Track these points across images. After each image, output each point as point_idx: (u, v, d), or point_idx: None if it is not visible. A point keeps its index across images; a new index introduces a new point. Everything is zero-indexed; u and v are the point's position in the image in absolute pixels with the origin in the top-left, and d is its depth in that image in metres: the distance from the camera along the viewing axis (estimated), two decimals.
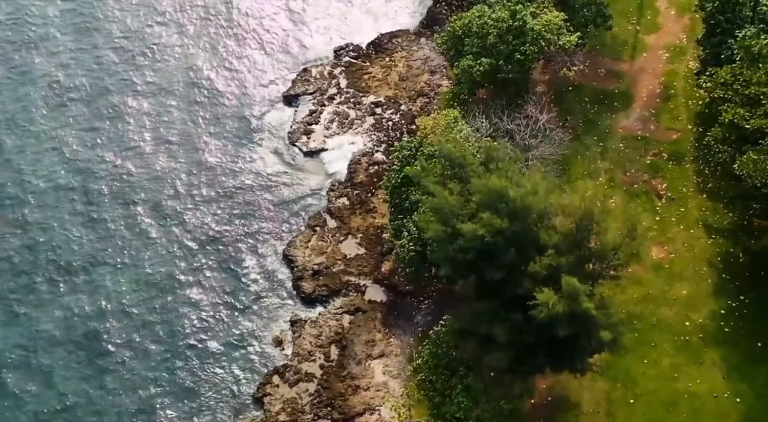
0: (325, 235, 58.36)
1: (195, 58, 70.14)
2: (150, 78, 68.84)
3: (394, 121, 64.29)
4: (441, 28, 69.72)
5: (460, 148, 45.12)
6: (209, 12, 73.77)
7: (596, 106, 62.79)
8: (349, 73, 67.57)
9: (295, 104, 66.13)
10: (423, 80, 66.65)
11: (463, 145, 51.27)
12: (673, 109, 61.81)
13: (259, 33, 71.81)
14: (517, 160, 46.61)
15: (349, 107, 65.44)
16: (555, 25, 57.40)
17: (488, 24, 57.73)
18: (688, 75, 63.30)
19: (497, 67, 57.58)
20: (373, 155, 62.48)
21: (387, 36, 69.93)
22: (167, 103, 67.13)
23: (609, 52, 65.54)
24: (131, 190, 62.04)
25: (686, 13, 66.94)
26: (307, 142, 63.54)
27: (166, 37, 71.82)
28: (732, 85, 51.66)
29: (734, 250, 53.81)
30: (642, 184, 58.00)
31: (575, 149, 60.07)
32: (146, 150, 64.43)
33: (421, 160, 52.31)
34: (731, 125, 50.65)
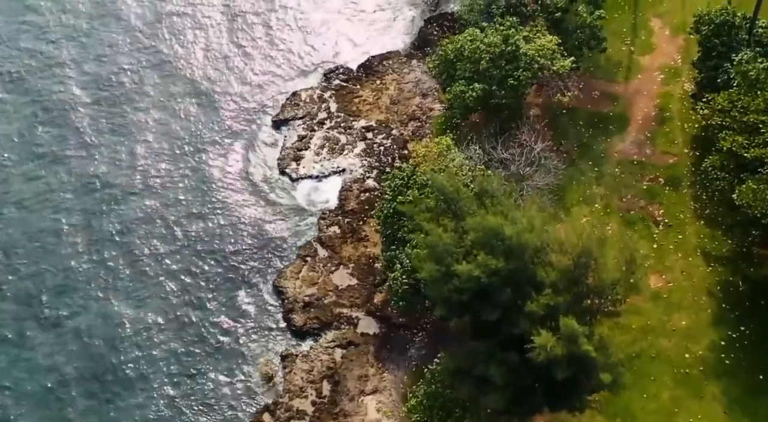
0: (316, 265, 57.06)
1: (180, 85, 68.52)
2: (134, 105, 67.22)
3: (386, 146, 63.09)
4: (432, 49, 68.68)
5: (453, 180, 43.91)
6: (195, 36, 72.22)
7: (591, 129, 61.76)
8: (340, 97, 66.38)
9: (284, 129, 64.92)
10: (414, 104, 65.52)
11: (457, 176, 50.21)
12: (669, 132, 60.82)
13: (246, 57, 70.30)
14: (511, 192, 45.55)
15: (339, 132, 64.24)
16: (548, 49, 56.35)
17: (480, 49, 56.69)
18: (683, 97, 62.31)
19: (490, 92, 56.49)
20: (364, 182, 61.24)
21: (377, 58, 68.70)
22: (151, 131, 65.51)
23: (603, 73, 64.50)
24: (113, 222, 60.38)
25: (681, 34, 66.00)
26: (297, 169, 62.24)
27: (151, 62, 70.23)
28: (729, 111, 50.77)
29: (734, 279, 52.75)
30: (639, 211, 56.92)
31: (570, 174, 59.00)
32: (127, 181, 62.59)
33: (413, 191, 51.19)
34: (729, 153, 49.72)
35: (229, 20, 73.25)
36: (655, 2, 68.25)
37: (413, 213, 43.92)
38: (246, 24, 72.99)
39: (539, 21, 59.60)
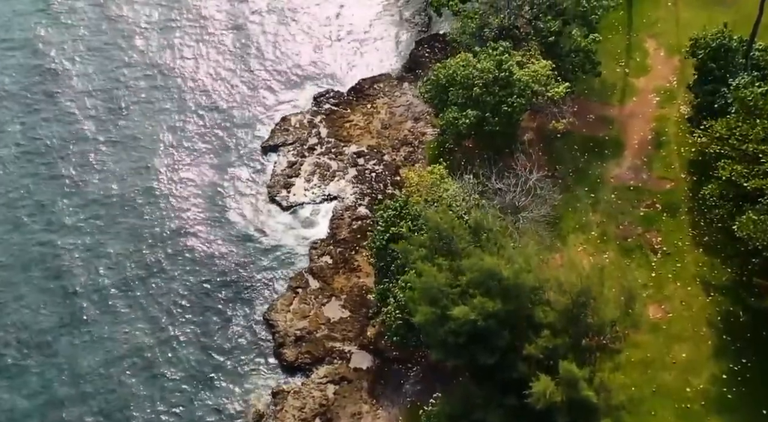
0: (307, 297, 55.72)
1: (167, 111, 67.07)
2: (118, 130, 65.84)
3: (378, 173, 61.86)
4: (424, 71, 67.59)
5: (447, 216, 42.72)
6: (183, 61, 70.80)
7: (586, 154, 60.67)
8: (330, 122, 65.16)
9: (274, 155, 63.56)
10: (406, 128, 64.36)
11: (451, 207, 49.10)
12: (666, 156, 59.82)
13: (234, 81, 69.04)
14: (507, 227, 44.42)
15: (330, 158, 62.99)
16: (543, 75, 55.29)
17: (473, 74, 55.61)
18: (679, 120, 61.36)
19: (483, 119, 55.41)
20: (356, 209, 59.97)
21: (368, 81, 67.58)
22: (137, 156, 64.13)
23: (598, 96, 63.48)
24: (97, 256, 58.73)
25: (676, 55, 65.06)
26: (287, 196, 60.93)
27: (139, 88, 68.86)
28: (728, 139, 49.80)
29: (734, 309, 51.66)
30: (636, 238, 55.83)
31: (566, 201, 57.85)
32: (110, 212, 61.06)
33: (406, 223, 50.06)
34: (728, 182, 48.72)
35: (217, 45, 71.95)
36: (650, 23, 67.42)
37: (407, 252, 42.69)
38: (234, 47, 71.80)
39: (533, 45, 58.56)
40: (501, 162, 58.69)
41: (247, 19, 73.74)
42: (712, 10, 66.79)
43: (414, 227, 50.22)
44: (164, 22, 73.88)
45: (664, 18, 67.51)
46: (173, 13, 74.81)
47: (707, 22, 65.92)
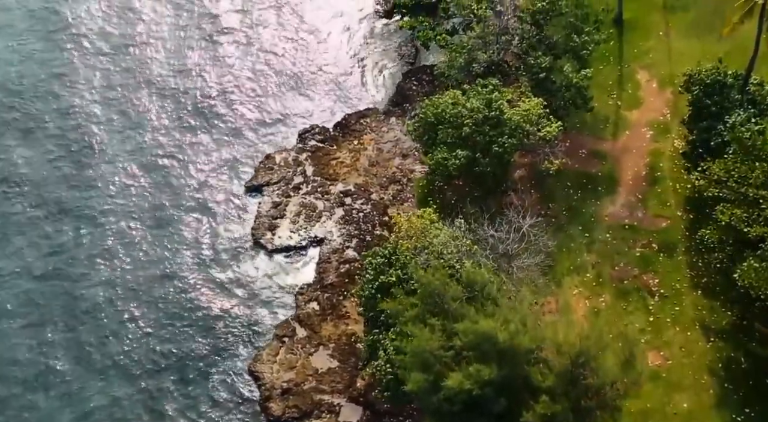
0: (294, 347, 53.70)
1: (145, 149, 64.85)
2: (94, 169, 63.65)
3: (365, 213, 59.99)
4: (411, 106, 65.90)
5: (439, 273, 40.91)
6: (164, 97, 68.55)
7: (579, 191, 59.01)
8: (316, 159, 63.26)
9: (258, 196, 61.48)
10: (394, 165, 62.52)
11: (441, 258, 47.37)
12: (661, 193, 58.22)
13: (217, 117, 66.95)
14: (501, 279, 42.70)
15: (316, 197, 61.07)
16: (534, 114, 53.69)
17: (463, 114, 53.97)
18: (674, 155, 59.79)
19: (474, 159, 53.79)
20: (343, 252, 58.05)
21: (354, 116, 65.71)
22: (112, 199, 61.92)
23: (590, 130, 61.83)
24: (71, 304, 56.49)
25: (668, 87, 63.58)
26: (272, 239, 58.90)
27: (114, 129, 66.49)
28: (726, 182, 48.31)
29: (735, 355, 50.03)
30: (632, 280, 54.15)
31: (560, 241, 56.11)
32: (85, 257, 58.84)
33: (395, 271, 48.26)
34: (728, 226, 47.20)
35: (197, 79, 69.67)
36: (641, 53, 65.91)
37: (398, 312, 40.86)
38: (216, 82, 69.51)
39: (523, 81, 57.02)
40: (492, 201, 57.33)
41: (229, 53, 71.63)
42: (705, 40, 65.44)
43: (404, 276, 48.50)
44: (144, 58, 71.74)
45: (655, 48, 66.06)
46: (151, 47, 72.75)
47: (700, 52, 64.99)
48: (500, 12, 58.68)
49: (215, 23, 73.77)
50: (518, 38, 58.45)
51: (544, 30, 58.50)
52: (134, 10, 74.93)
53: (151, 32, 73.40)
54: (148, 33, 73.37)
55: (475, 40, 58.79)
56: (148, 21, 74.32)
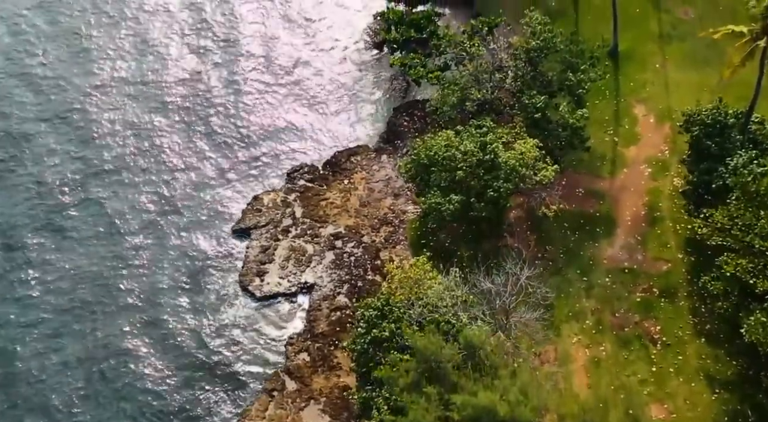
0: (284, 401, 51.61)
1: (131, 189, 62.85)
2: (82, 221, 61.21)
3: (357, 257, 58.09)
4: (403, 143, 64.15)
5: (435, 338, 39.10)
6: (147, 135, 66.37)
7: (577, 232, 57.30)
8: (305, 200, 61.31)
9: (245, 240, 59.36)
10: (386, 205, 60.68)
11: (436, 310, 45.60)
12: (661, 234, 56.56)
13: (203, 156, 64.84)
14: (500, 339, 40.93)
15: (306, 241, 59.12)
16: (530, 157, 51.98)
17: (456, 157, 52.27)
18: (673, 194, 58.13)
19: (469, 204, 52.05)
20: (334, 299, 56.10)
21: (344, 154, 63.79)
22: (96, 246, 59.78)
23: (587, 167, 60.11)
24: (48, 358, 54.46)
25: (666, 121, 62.01)
26: (261, 286, 56.87)
27: (99, 169, 64.42)
28: (730, 230, 46.71)
29: (741, 408, 48.21)
30: (633, 327, 52.38)
31: (557, 285, 54.38)
32: (68, 306, 56.86)
33: (389, 326, 46.44)
34: (733, 277, 45.58)
35: (184, 117, 67.44)
36: (638, 86, 64.30)
37: (392, 380, 39.01)
38: (202, 119, 67.36)
39: (518, 120, 55.34)
40: (488, 244, 55.65)
41: (214, 89, 69.39)
42: (702, 72, 63.94)
43: (397, 330, 46.70)
44: (124, 99, 69.22)
45: (652, 81, 64.50)
46: (133, 86, 70.20)
47: (698, 85, 63.61)
48: (493, 50, 56.96)
49: (201, 58, 71.75)
50: (512, 76, 56.72)
51: (539, 67, 56.91)
52: (109, 58, 72.30)
53: (130, 72, 71.00)
54: (127, 73, 70.99)
55: (467, 77, 57.10)
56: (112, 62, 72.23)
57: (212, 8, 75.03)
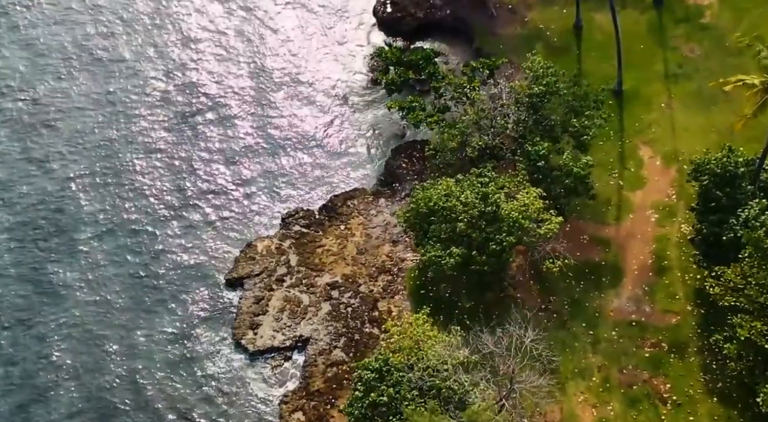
0: None
1: (114, 237, 60.72)
2: (67, 269, 59.22)
3: (354, 307, 56.00)
4: (401, 186, 62.18)
5: (437, 416, 37.03)
6: (135, 179, 64.13)
7: (582, 282, 55.28)
8: (300, 247, 59.27)
9: (239, 290, 57.35)
10: (384, 252, 58.64)
11: (438, 372, 43.55)
12: (669, 285, 54.51)
13: (195, 200, 62.66)
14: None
15: (301, 290, 57.05)
16: (534, 209, 50.02)
17: (457, 208, 50.32)
18: (681, 241, 56.14)
19: (470, 256, 50.08)
20: (331, 353, 53.99)
21: (341, 198, 61.72)
22: (86, 295, 57.82)
23: (591, 213, 58.04)
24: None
25: (673, 164, 60.00)
26: (254, 340, 54.75)
27: (96, 212, 62.33)
28: (743, 289, 44.74)
29: None
30: (642, 385, 50.33)
31: (562, 339, 52.48)
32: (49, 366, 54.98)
33: (387, 390, 44.37)
34: (748, 341, 43.57)
35: (173, 159, 65.12)
36: (643, 127, 62.32)
37: None
38: (191, 161, 65.05)
39: (520, 168, 53.35)
40: (490, 295, 53.65)
41: (205, 131, 67.00)
42: (709, 111, 62.06)
43: (396, 394, 44.63)
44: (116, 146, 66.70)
45: (657, 121, 62.57)
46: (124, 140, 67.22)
47: (705, 126, 61.76)
48: (494, 95, 55.11)
49: (190, 96, 69.13)
50: (513, 120, 54.80)
51: (541, 110, 55.06)
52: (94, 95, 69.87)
53: (114, 113, 68.43)
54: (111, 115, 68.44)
55: (468, 122, 55.21)
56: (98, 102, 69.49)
57: (203, 43, 72.83)
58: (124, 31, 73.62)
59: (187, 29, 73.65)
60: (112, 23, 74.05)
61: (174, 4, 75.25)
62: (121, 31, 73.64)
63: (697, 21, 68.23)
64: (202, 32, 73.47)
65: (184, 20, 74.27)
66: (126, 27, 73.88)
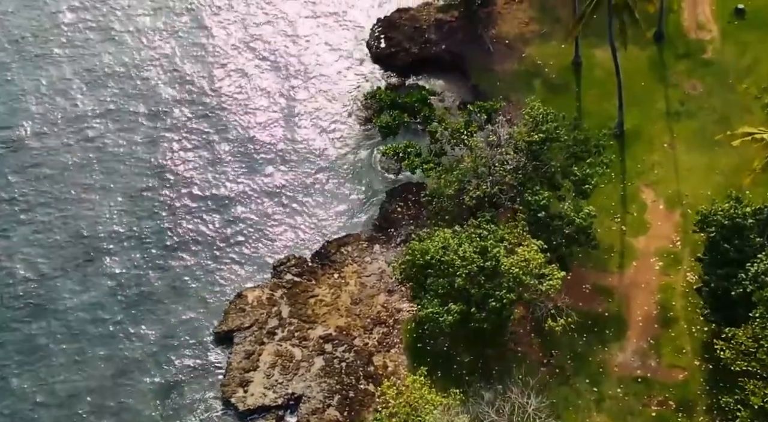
0: None
1: (97, 289, 58.31)
2: (44, 333, 56.36)
3: (348, 362, 53.77)
4: (397, 231, 60.07)
5: None
6: (124, 229, 61.59)
7: (585, 334, 53.18)
8: (292, 297, 57.03)
9: (228, 344, 55.05)
10: (379, 302, 56.46)
11: None
12: (675, 338, 52.52)
13: (182, 249, 60.34)
14: None
15: (293, 344, 54.80)
16: (535, 264, 48.03)
17: (455, 262, 48.34)
18: (687, 291, 54.18)
19: (468, 313, 48.07)
20: (324, 411, 51.61)
21: (334, 244, 59.52)
22: (64, 355, 55.37)
23: (593, 261, 55.97)
24: None
25: (677, 208, 58.15)
26: (244, 398, 52.28)
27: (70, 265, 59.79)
28: (755, 353, 42.78)
29: None
30: None
31: (565, 396, 50.43)
32: None
33: None
34: (762, 410, 41.61)
35: (160, 207, 62.60)
36: (645, 169, 60.52)
37: None
38: (178, 207, 62.59)
39: (520, 219, 51.37)
40: (490, 348, 51.62)
41: (193, 175, 64.49)
42: (713, 152, 60.25)
43: None
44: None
45: (660, 163, 60.73)
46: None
47: (709, 167, 60.12)
48: (492, 142, 53.17)
49: (173, 142, 66.45)
50: (512, 168, 52.84)
51: (541, 157, 53.18)
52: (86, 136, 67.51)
53: (93, 164, 65.82)
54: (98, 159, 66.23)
55: (465, 170, 53.26)
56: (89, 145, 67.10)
57: (189, 83, 70.57)
58: (91, 79, 71.16)
59: (171, 71, 71.32)
60: (78, 74, 71.77)
61: (150, 53, 72.98)
62: (86, 79, 71.16)
63: (699, 56, 66.69)
64: (190, 72, 71.44)
65: (161, 67, 71.82)
66: (89, 77, 71.36)
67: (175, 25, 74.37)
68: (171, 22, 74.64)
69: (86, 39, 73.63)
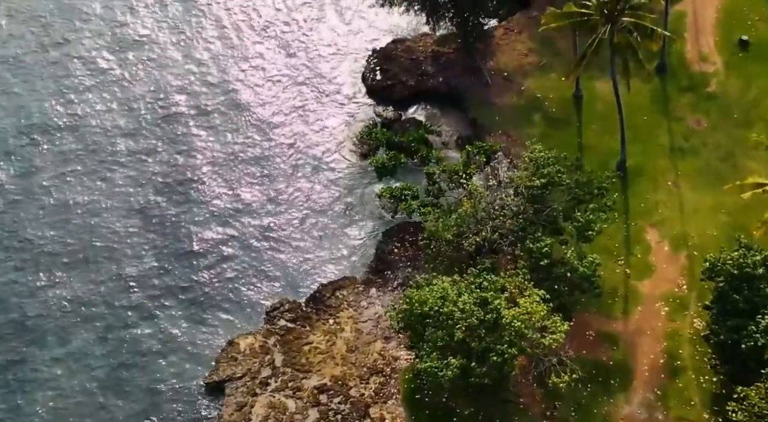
0: None
1: (85, 335, 56.23)
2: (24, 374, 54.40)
3: (344, 414, 51.71)
4: (393, 273, 58.23)
5: None
6: (109, 277, 59.36)
7: (589, 384, 51.17)
8: (286, 344, 55.06)
9: (219, 396, 53.00)
10: (376, 350, 54.56)
11: None
12: (683, 388, 50.63)
13: (171, 294, 58.33)
14: None
15: (287, 395, 52.77)
16: (538, 318, 46.17)
17: (454, 314, 46.50)
18: (695, 338, 52.30)
19: (468, 368, 46.20)
20: None
21: (329, 288, 57.58)
22: (46, 408, 53.03)
23: (597, 306, 53.95)
24: None
25: (683, 249, 56.38)
26: None
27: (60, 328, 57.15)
28: None
29: None
30: None
31: None
32: None
33: None
34: None
35: (148, 249, 60.66)
36: (649, 208, 58.76)
37: None
38: (169, 248, 60.64)
39: (521, 266, 49.58)
40: (491, 400, 49.69)
41: (180, 216, 62.52)
42: (718, 190, 57.99)
43: None
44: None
45: (664, 202, 59.00)
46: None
47: (715, 206, 58.35)
48: (491, 186, 51.43)
49: (162, 189, 64.31)
50: (513, 213, 51.04)
51: (542, 201, 51.45)
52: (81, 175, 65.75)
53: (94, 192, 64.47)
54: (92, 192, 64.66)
55: (463, 215, 51.47)
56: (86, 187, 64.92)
57: (183, 120, 68.72)
58: (76, 98, 69.95)
59: (155, 109, 69.66)
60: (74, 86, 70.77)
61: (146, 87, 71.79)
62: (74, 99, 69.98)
63: (703, 90, 65.12)
64: (184, 106, 69.85)
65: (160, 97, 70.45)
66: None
67: (162, 61, 72.85)
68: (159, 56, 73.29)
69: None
